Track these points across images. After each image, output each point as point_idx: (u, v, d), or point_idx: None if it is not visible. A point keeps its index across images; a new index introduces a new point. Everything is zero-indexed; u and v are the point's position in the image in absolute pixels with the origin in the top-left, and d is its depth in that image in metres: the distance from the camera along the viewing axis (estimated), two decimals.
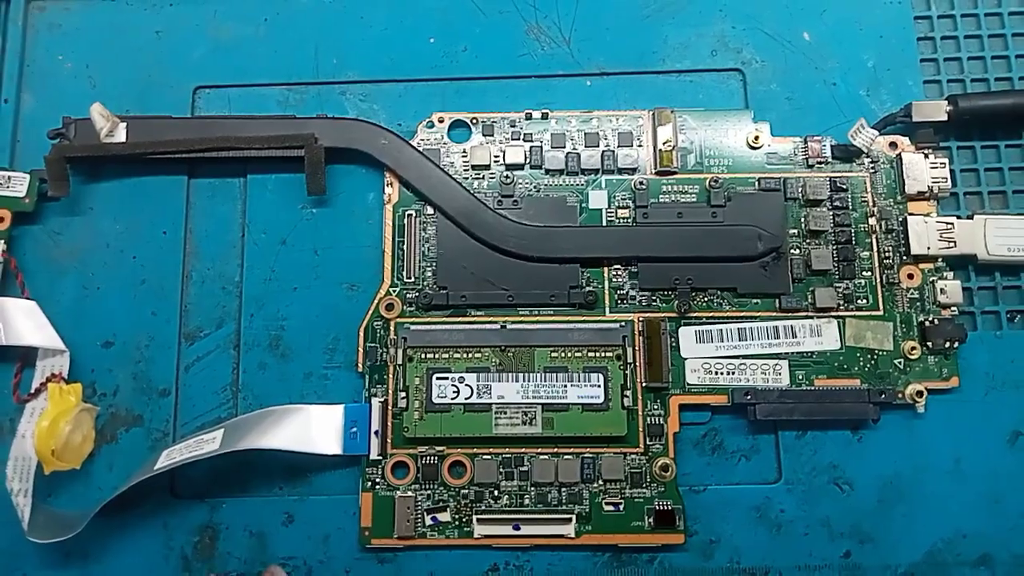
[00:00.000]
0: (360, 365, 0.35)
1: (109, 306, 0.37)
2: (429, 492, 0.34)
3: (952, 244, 0.36)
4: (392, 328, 0.35)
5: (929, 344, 0.35)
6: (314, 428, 0.34)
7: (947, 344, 0.35)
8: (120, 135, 0.37)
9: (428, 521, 0.34)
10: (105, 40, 0.39)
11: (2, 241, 0.36)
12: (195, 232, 0.37)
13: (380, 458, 0.34)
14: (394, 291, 0.36)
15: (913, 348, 0.35)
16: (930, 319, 0.35)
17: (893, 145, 0.37)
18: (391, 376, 0.35)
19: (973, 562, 0.34)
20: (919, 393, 0.35)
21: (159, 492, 0.35)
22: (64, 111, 0.37)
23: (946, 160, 0.36)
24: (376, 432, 0.34)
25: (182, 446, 0.34)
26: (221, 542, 0.34)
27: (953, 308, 0.35)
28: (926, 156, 0.36)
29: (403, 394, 0.34)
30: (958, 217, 0.36)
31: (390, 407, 0.35)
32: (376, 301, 0.36)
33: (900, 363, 0.35)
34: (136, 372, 0.36)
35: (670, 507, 0.34)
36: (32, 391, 0.35)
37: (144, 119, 0.37)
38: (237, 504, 0.35)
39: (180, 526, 0.35)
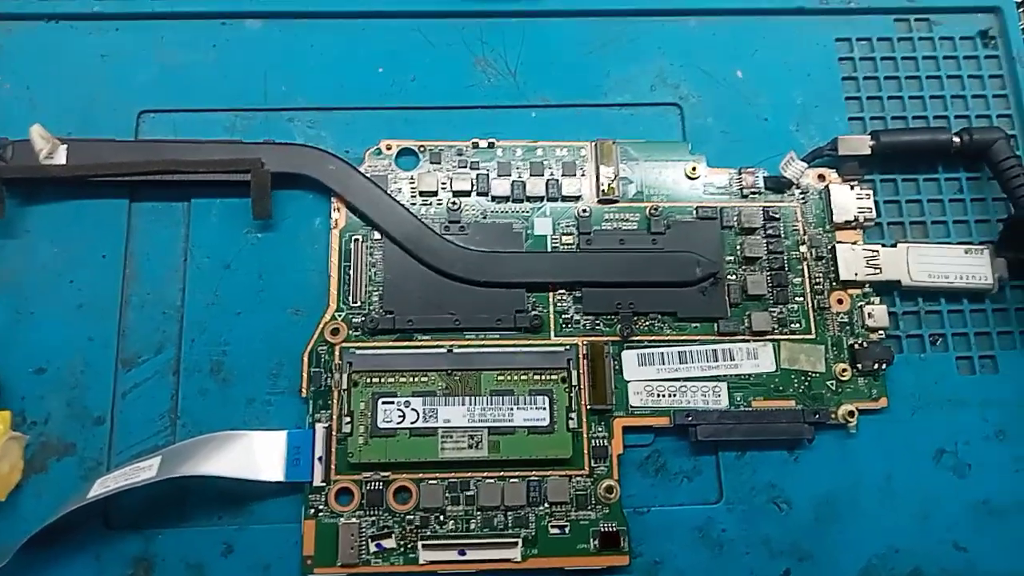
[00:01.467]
0: (304, 390, 0.35)
1: (43, 331, 0.36)
2: (374, 518, 0.34)
3: (878, 270, 0.37)
4: (337, 353, 0.35)
5: (859, 366, 0.36)
6: (256, 454, 0.34)
7: (876, 366, 0.36)
8: (60, 157, 0.36)
9: (372, 548, 0.33)
10: (47, 62, 0.39)
11: None
12: (136, 256, 0.37)
13: (324, 484, 0.34)
14: (340, 315, 0.36)
15: (844, 370, 0.36)
16: (859, 342, 0.37)
17: (821, 177, 0.39)
18: (336, 401, 0.35)
19: None
20: (851, 413, 0.36)
21: (91, 522, 0.34)
22: (2, 132, 0.37)
23: (871, 191, 0.38)
24: (320, 458, 0.34)
25: (117, 474, 0.33)
26: (157, 575, 0.33)
27: (880, 331, 0.37)
28: (852, 187, 0.38)
29: (348, 419, 0.34)
30: (883, 245, 0.38)
31: (334, 432, 0.34)
32: (321, 325, 0.36)
33: (832, 384, 0.36)
34: (70, 399, 0.35)
35: (615, 529, 0.34)
36: None
37: (85, 142, 0.37)
38: (174, 535, 0.34)
39: (113, 558, 0.34)
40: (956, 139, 0.39)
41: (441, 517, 0.34)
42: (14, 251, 0.36)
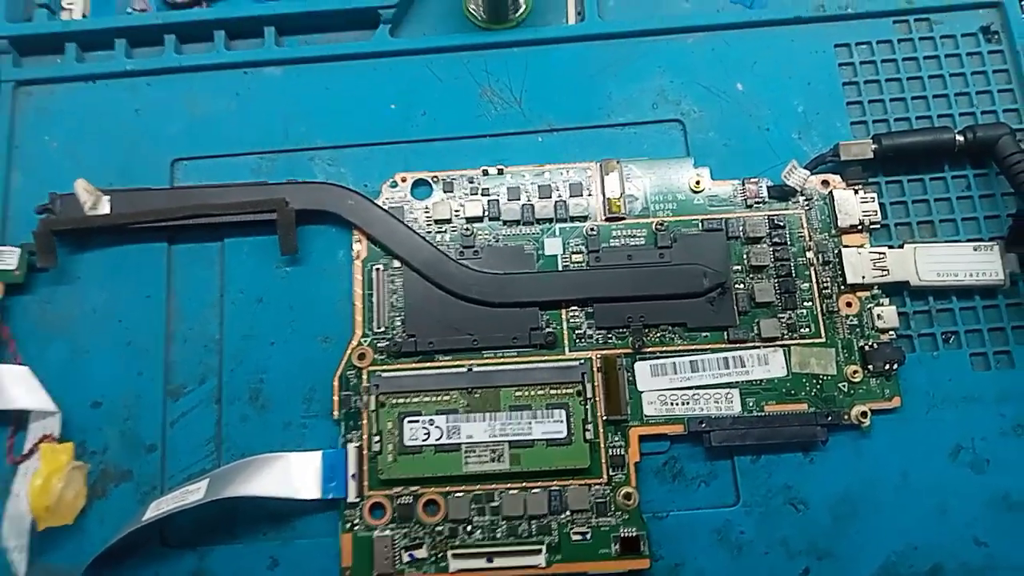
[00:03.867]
0: (336, 413, 0.37)
1: (97, 368, 0.38)
2: (405, 530, 0.35)
3: (885, 272, 0.38)
4: (365, 376, 0.37)
5: (870, 367, 0.37)
6: (294, 475, 0.36)
7: (887, 366, 0.37)
8: (104, 208, 0.39)
9: (406, 558, 0.35)
10: (88, 120, 0.42)
11: None
12: (177, 295, 0.39)
13: (358, 500, 0.35)
14: (365, 341, 0.38)
15: (855, 372, 0.37)
16: (870, 343, 0.37)
17: (825, 183, 0.39)
18: (365, 422, 0.36)
19: (925, 573, 0.35)
20: (863, 414, 0.36)
21: (150, 543, 0.36)
22: (50, 187, 0.39)
23: (875, 194, 0.38)
24: (353, 476, 0.36)
25: (169, 497, 0.35)
26: None
27: (891, 332, 0.37)
28: (856, 192, 0.39)
29: (377, 438, 0.36)
30: (890, 247, 0.38)
31: (365, 451, 0.36)
32: (349, 351, 0.37)
33: (844, 386, 0.37)
34: (124, 429, 0.37)
35: (635, 534, 0.35)
36: (25, 452, 0.37)
37: (126, 192, 0.39)
38: (224, 551, 0.36)
39: (171, 574, 0.36)
40: (960, 138, 0.39)
41: (468, 527, 0.35)
42: (67, 296, 0.39)
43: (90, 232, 0.39)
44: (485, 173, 0.40)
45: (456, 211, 0.39)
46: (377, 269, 0.39)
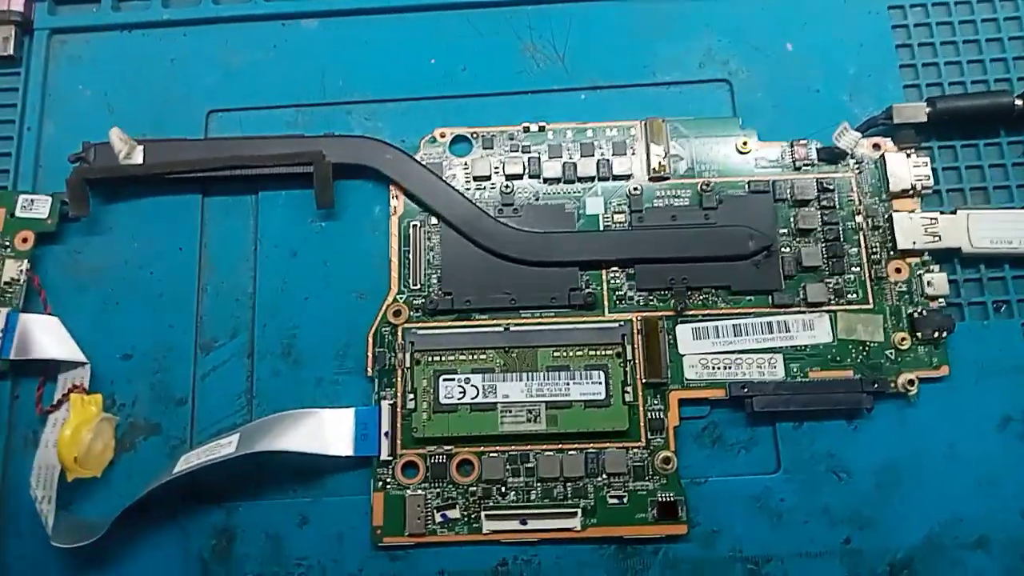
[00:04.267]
0: (369, 370, 0.36)
1: (128, 320, 0.38)
2: (438, 490, 0.35)
3: (937, 238, 0.37)
4: (400, 333, 0.36)
5: (918, 334, 0.36)
6: (327, 431, 0.35)
7: (936, 334, 0.36)
8: (138, 157, 0.38)
9: (438, 519, 0.35)
10: (122, 69, 0.41)
11: (26, 260, 0.37)
12: (209, 247, 0.39)
13: (390, 458, 0.35)
14: (401, 298, 0.37)
15: (903, 339, 0.36)
16: (919, 311, 0.36)
17: (876, 146, 0.38)
18: (399, 379, 0.36)
19: (971, 544, 0.35)
20: (911, 382, 0.35)
21: (177, 497, 0.35)
22: (84, 136, 0.39)
23: (928, 159, 0.37)
24: (386, 433, 0.35)
25: (199, 451, 0.35)
26: (238, 545, 0.35)
27: (940, 299, 0.36)
28: (908, 156, 0.38)
29: (411, 396, 0.35)
30: (941, 212, 0.37)
31: (399, 409, 0.36)
32: (384, 308, 0.37)
33: (891, 354, 0.36)
34: (154, 382, 0.37)
35: (672, 499, 0.34)
36: (54, 402, 0.36)
37: (160, 142, 0.39)
38: (253, 507, 0.36)
39: (198, 530, 0.35)
40: (1019, 102, 0.38)
41: (503, 488, 0.35)
42: (99, 247, 0.39)
43: (123, 182, 0.39)
44: (526, 130, 0.39)
45: (496, 168, 0.38)
46: (414, 225, 0.38)
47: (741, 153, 0.38)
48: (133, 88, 0.41)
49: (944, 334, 0.36)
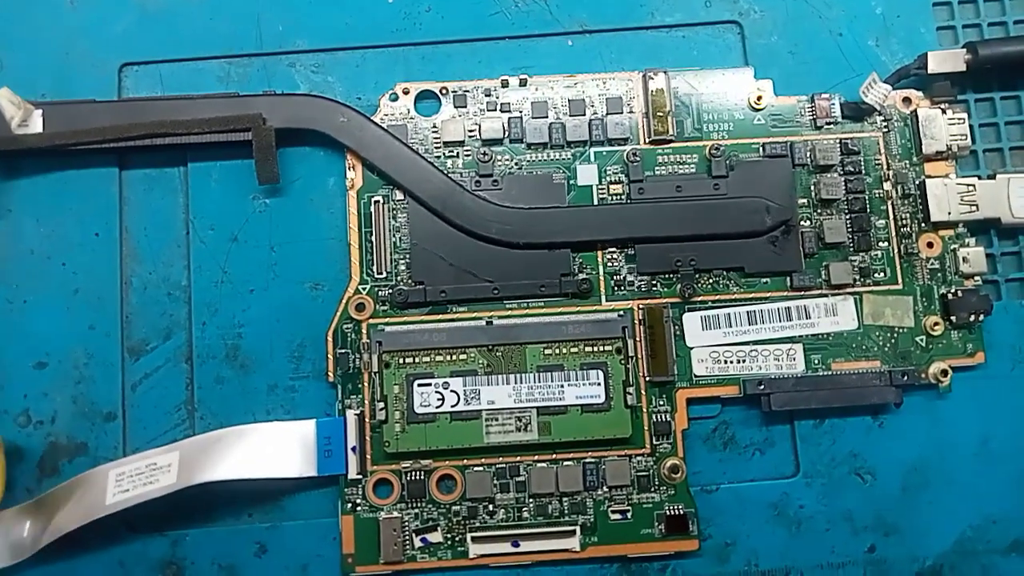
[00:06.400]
0: (331, 374, 0.33)
1: (39, 321, 0.34)
2: (417, 511, 0.32)
3: (974, 208, 0.34)
4: (365, 331, 0.33)
5: (952, 318, 0.33)
6: (283, 448, 0.32)
7: (972, 317, 0.33)
8: (36, 124, 0.34)
9: (417, 543, 0.32)
10: (11, 15, 0.36)
11: None
12: (132, 231, 0.35)
13: (360, 477, 0.32)
14: (364, 289, 0.34)
15: (936, 323, 0.33)
16: (953, 291, 0.33)
17: (907, 100, 0.34)
18: (366, 385, 0.33)
19: (1004, 549, 0.33)
20: (943, 372, 0.33)
21: (112, 526, 0.32)
22: None
23: (964, 115, 0.34)
24: (353, 448, 0.32)
25: (131, 469, 0.31)
26: None
27: (976, 277, 0.34)
28: (943, 111, 0.34)
29: (381, 404, 0.32)
30: (979, 177, 0.34)
31: (367, 420, 0.33)
32: (344, 301, 0.33)
33: (922, 340, 0.33)
34: (76, 395, 0.33)
35: (682, 511, 0.32)
36: None
37: (63, 104, 0.34)
38: (202, 535, 0.33)
39: (138, 564, 0.32)
40: None
41: (490, 507, 0.32)
42: None
43: (19, 154, 0.34)
44: (505, 84, 0.35)
45: (470, 131, 0.35)
46: (376, 201, 0.34)
47: (754, 109, 0.35)
48: (26, 38, 0.36)
49: (981, 317, 0.33)
